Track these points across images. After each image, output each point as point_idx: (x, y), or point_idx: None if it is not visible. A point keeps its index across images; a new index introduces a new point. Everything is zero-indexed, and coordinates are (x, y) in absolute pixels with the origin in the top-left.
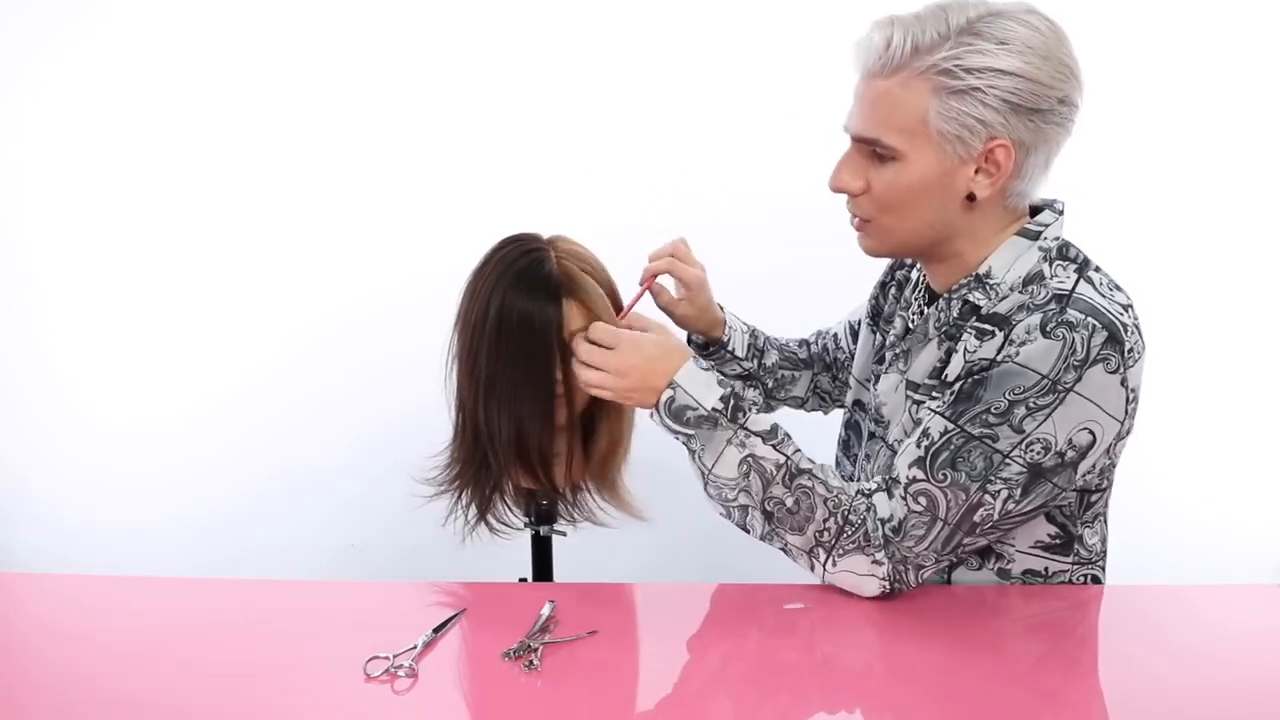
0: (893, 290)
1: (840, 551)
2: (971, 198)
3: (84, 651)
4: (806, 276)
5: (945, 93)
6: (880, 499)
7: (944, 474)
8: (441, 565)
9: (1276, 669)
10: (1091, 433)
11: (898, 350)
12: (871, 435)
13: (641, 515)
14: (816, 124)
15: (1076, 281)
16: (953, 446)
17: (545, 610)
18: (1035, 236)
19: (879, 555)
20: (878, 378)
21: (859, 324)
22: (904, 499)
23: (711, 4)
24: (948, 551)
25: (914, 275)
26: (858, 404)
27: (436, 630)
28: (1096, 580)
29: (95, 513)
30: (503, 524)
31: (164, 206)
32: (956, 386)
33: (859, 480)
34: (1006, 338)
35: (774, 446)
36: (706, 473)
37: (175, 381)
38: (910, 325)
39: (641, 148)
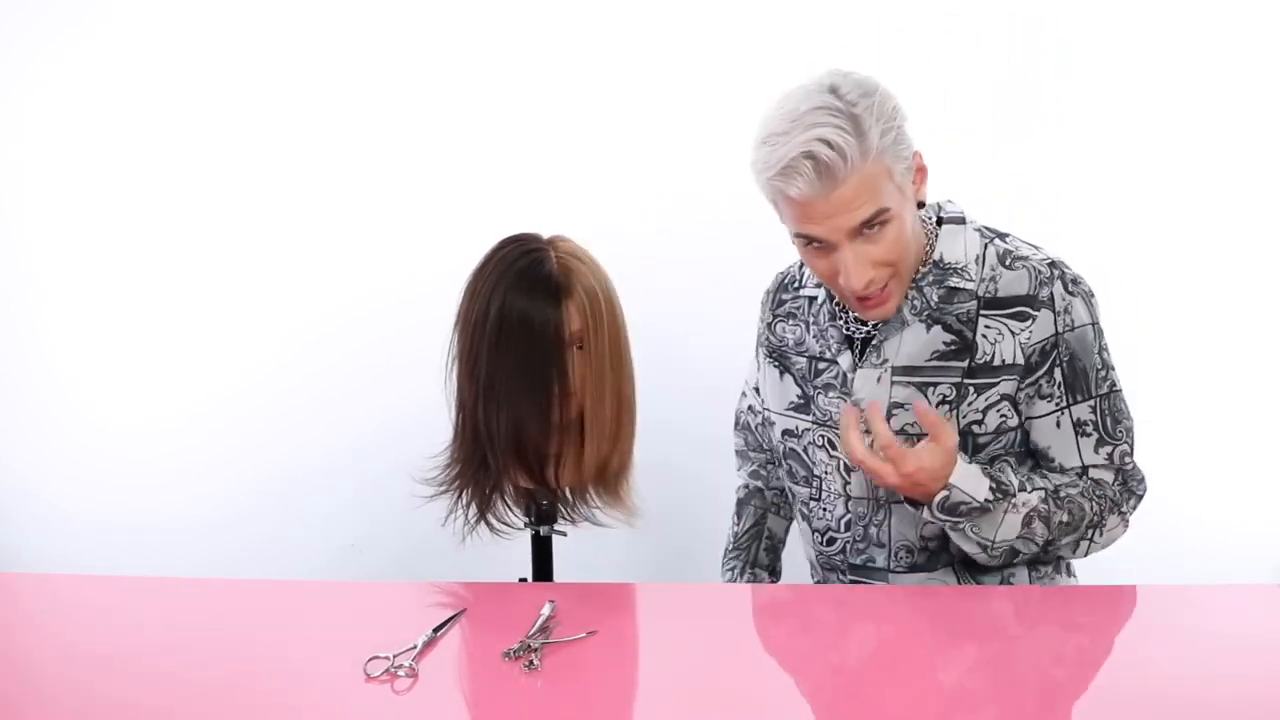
0: (781, 324)
1: (1103, 522)
2: (921, 204)
3: (84, 651)
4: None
5: (887, 145)
6: (1099, 473)
7: (1119, 430)
8: (441, 565)
9: (1276, 669)
10: None
11: (867, 348)
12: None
13: (641, 521)
14: None
15: (1035, 247)
16: (1107, 410)
17: (545, 610)
18: (961, 221)
19: (1124, 508)
20: (844, 381)
21: (756, 389)
22: (1120, 470)
23: (712, 5)
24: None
25: (804, 294)
26: (788, 433)
27: (436, 630)
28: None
29: (95, 513)
30: (503, 524)
31: (164, 207)
32: (1058, 378)
33: (822, 499)
34: (1053, 311)
35: (1035, 491)
36: (990, 545)
37: (175, 381)
38: (850, 331)
39: (641, 148)
